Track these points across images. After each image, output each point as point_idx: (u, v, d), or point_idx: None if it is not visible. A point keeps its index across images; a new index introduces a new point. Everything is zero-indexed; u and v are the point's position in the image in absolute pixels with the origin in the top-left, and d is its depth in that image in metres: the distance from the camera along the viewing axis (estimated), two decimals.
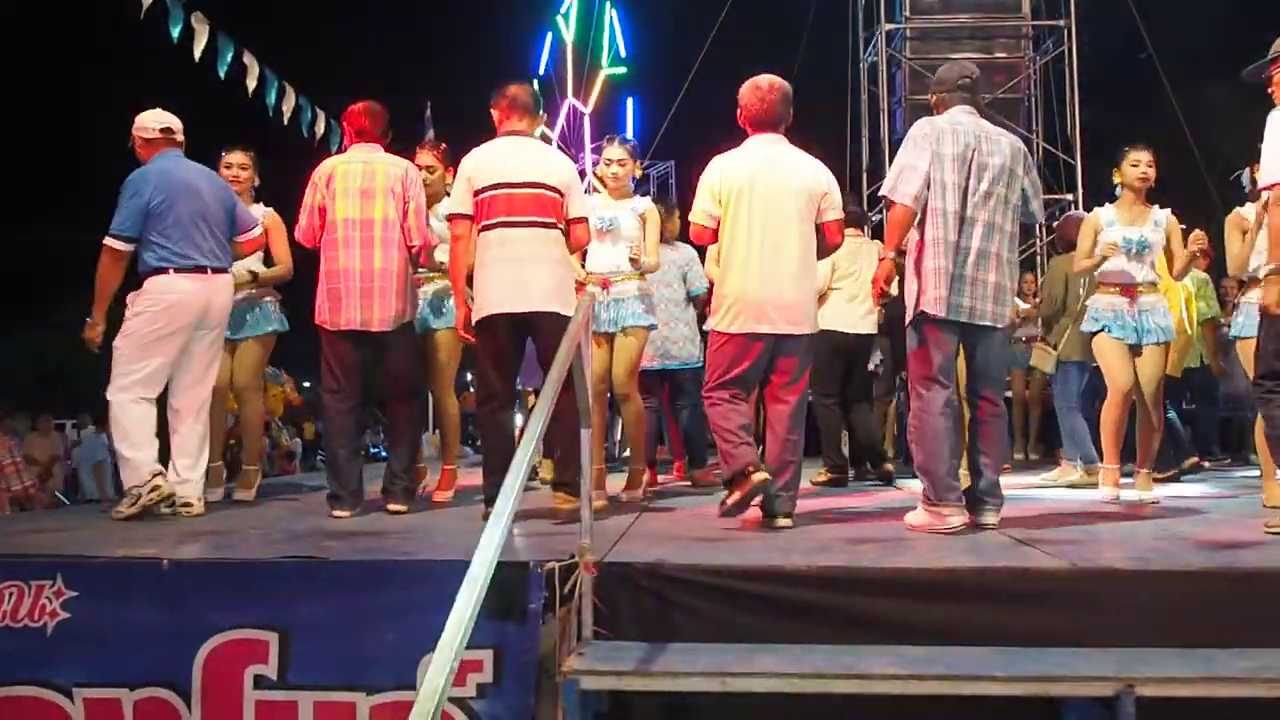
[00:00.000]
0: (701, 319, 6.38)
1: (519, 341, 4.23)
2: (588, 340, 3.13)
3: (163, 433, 4.49)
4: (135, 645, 2.99)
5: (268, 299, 5.22)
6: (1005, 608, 2.96)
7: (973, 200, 3.89)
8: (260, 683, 2.97)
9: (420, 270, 4.90)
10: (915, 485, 4.18)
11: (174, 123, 4.59)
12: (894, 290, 5.04)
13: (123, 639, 3.00)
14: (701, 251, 5.86)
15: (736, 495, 3.91)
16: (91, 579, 3.08)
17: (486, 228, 4.15)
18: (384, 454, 8.13)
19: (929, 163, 3.87)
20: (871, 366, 6.34)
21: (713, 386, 4.10)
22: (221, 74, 7.24)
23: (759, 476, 3.87)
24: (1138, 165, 4.96)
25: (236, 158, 5.18)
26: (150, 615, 3.02)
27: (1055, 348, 6.09)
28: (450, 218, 4.28)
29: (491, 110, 4.34)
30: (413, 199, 4.52)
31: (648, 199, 5.37)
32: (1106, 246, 4.96)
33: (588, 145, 16.98)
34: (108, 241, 4.33)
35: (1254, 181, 4.94)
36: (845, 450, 6.27)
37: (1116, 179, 5.12)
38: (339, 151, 9.05)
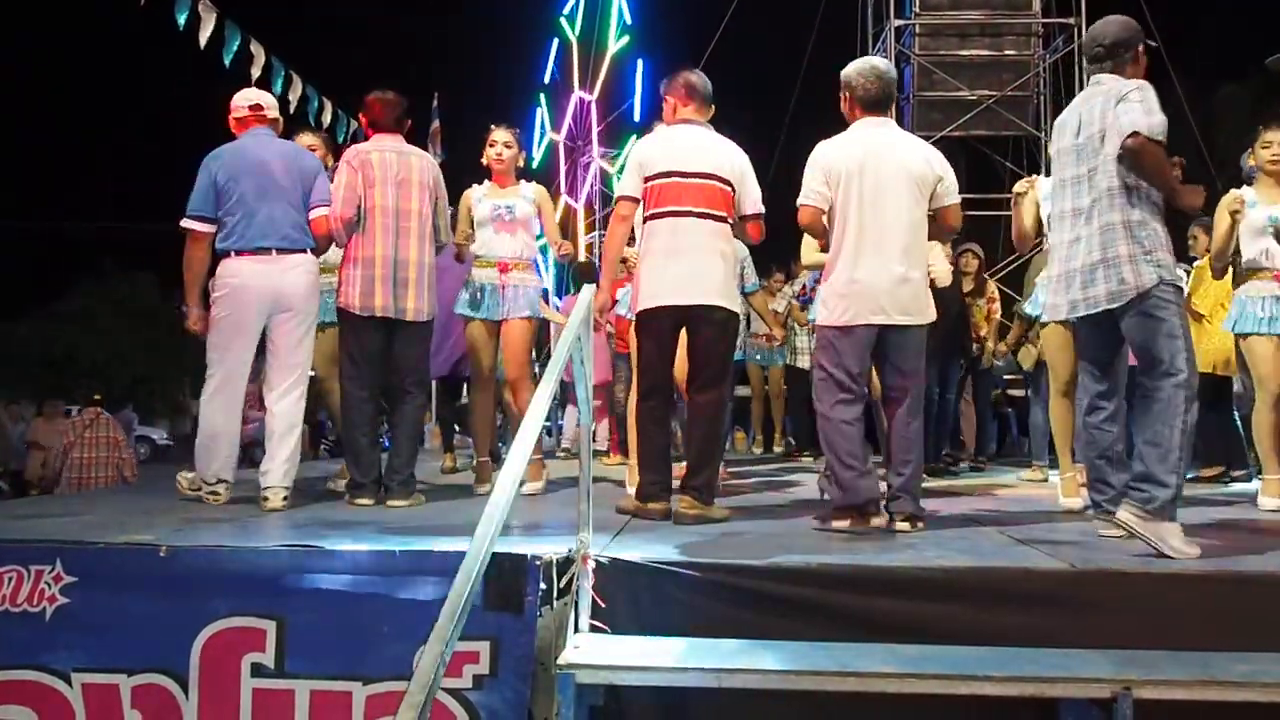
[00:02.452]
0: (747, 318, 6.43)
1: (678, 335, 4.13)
2: (588, 334, 3.12)
3: None
4: (133, 631, 3.00)
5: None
6: (1003, 608, 2.96)
7: None
8: (258, 670, 2.98)
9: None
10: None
11: (264, 99, 4.56)
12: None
13: (121, 625, 3.01)
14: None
15: (845, 524, 3.74)
16: (90, 564, 3.08)
17: (655, 216, 4.09)
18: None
19: None
20: None
21: (821, 391, 3.87)
22: (227, 62, 7.24)
23: (877, 522, 3.73)
24: (1269, 146, 4.76)
25: (305, 139, 5.11)
26: (148, 602, 3.03)
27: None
28: (617, 199, 4.26)
29: (666, 98, 4.28)
30: (442, 196, 4.56)
31: (533, 183, 5.26)
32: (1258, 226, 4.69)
33: (594, 134, 17.00)
34: (184, 223, 4.30)
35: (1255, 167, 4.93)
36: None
37: (1250, 162, 4.98)
38: (349, 140, 9.19)
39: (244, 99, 4.54)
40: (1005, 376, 8.75)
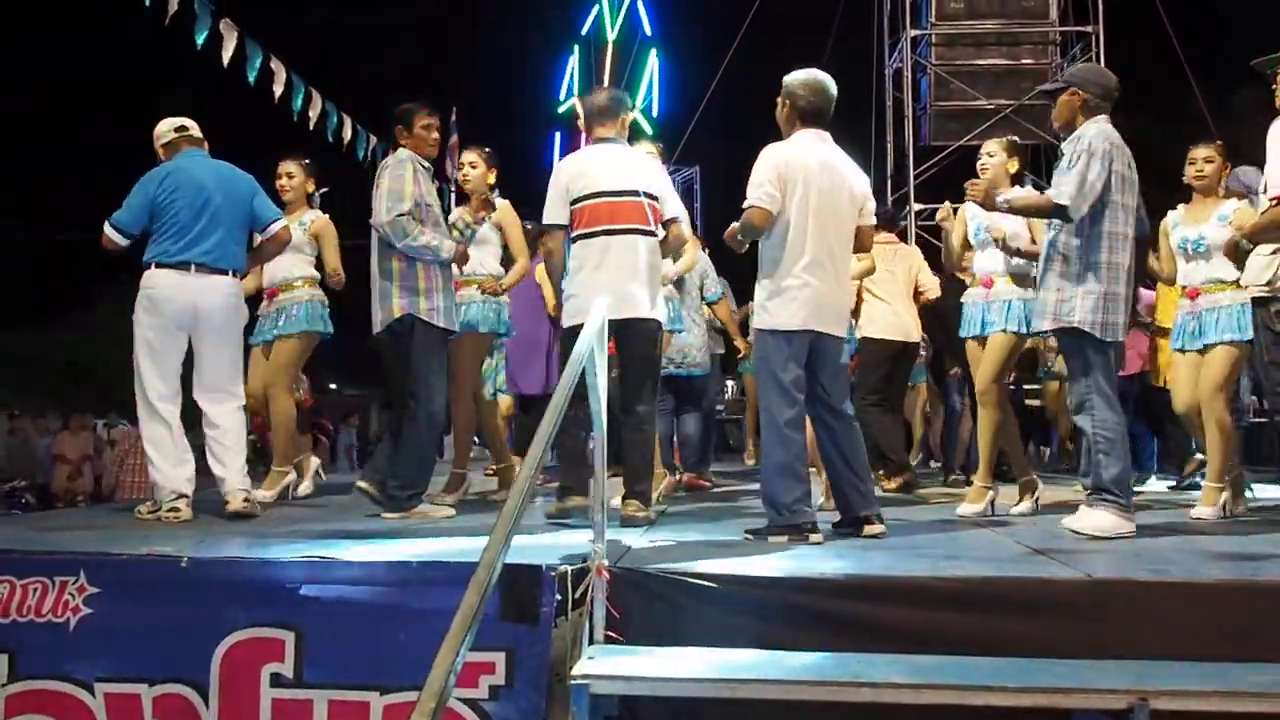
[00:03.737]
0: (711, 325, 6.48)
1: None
2: (602, 348, 3.14)
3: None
4: (155, 641, 3.04)
5: (312, 299, 5.24)
6: (1018, 618, 2.94)
7: None
8: (277, 681, 3.01)
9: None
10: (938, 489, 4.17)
11: (187, 121, 4.61)
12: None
13: (143, 635, 3.05)
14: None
15: (783, 540, 3.76)
16: (113, 576, 3.13)
17: (586, 236, 4.23)
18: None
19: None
20: None
21: (781, 399, 3.83)
22: (251, 80, 7.31)
23: (815, 539, 3.75)
24: (1194, 164, 4.85)
25: (283, 166, 5.24)
26: (170, 613, 3.07)
27: None
28: (545, 229, 4.37)
29: (582, 124, 4.46)
30: (378, 188, 4.43)
31: (501, 200, 5.29)
32: None
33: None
34: (106, 228, 4.40)
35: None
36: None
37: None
38: (369, 155, 9.29)
39: (168, 125, 4.61)
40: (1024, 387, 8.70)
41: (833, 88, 4.05)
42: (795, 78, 4.02)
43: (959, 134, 12.61)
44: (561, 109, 17.67)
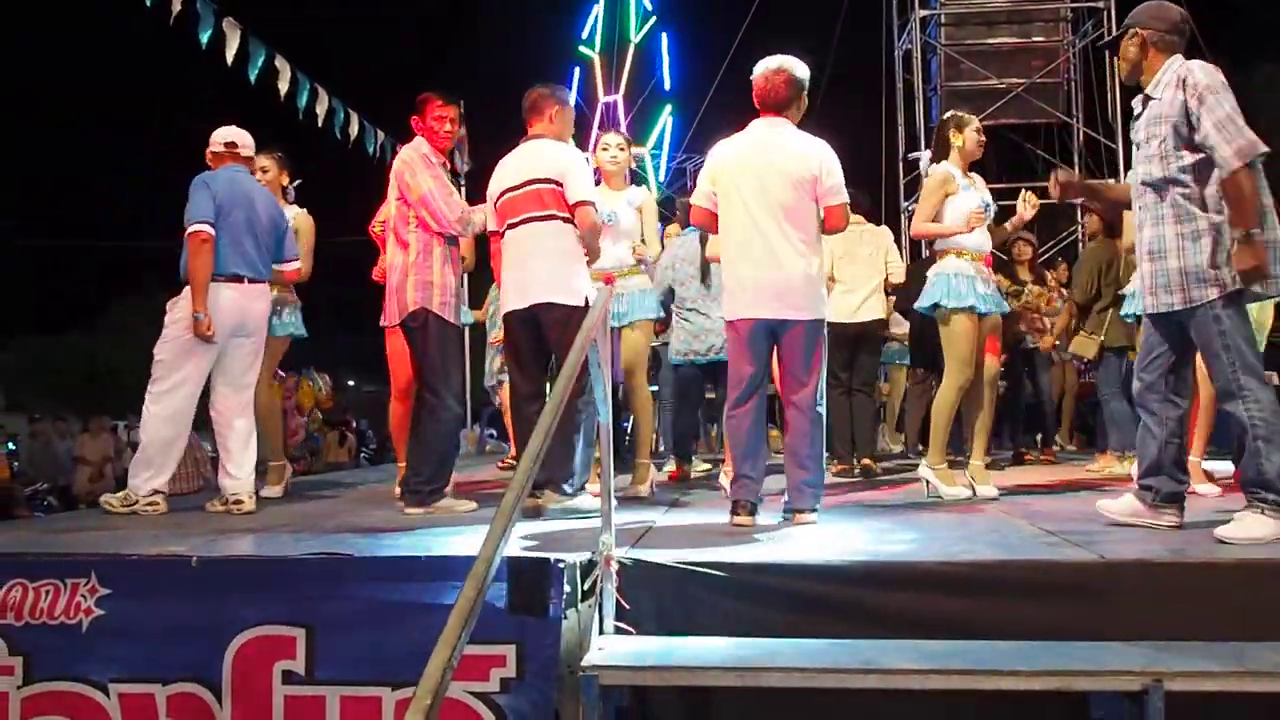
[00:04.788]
0: None
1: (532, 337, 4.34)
2: (604, 335, 3.13)
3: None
4: (167, 641, 3.05)
5: (288, 304, 5.30)
6: (1032, 601, 2.92)
7: None
8: (289, 678, 3.01)
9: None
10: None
11: (239, 138, 4.73)
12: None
13: (155, 635, 3.06)
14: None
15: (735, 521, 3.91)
16: (124, 576, 3.14)
17: (499, 233, 4.36)
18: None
19: None
20: None
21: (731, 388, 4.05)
22: (253, 78, 7.33)
23: (741, 521, 3.87)
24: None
25: (257, 160, 5.20)
26: (181, 612, 3.07)
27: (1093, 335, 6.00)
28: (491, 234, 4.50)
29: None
30: (409, 185, 4.38)
31: (643, 189, 5.41)
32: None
33: (623, 123, 17.05)
34: (196, 229, 4.41)
35: None
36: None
37: None
38: (379, 152, 9.31)
39: (221, 136, 4.73)
40: None
41: (787, 72, 4.04)
42: (757, 65, 4.10)
43: (971, 114, 12.48)
44: (582, 48, 17.52)
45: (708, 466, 6.44)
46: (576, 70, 17.13)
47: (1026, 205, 4.96)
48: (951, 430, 4.85)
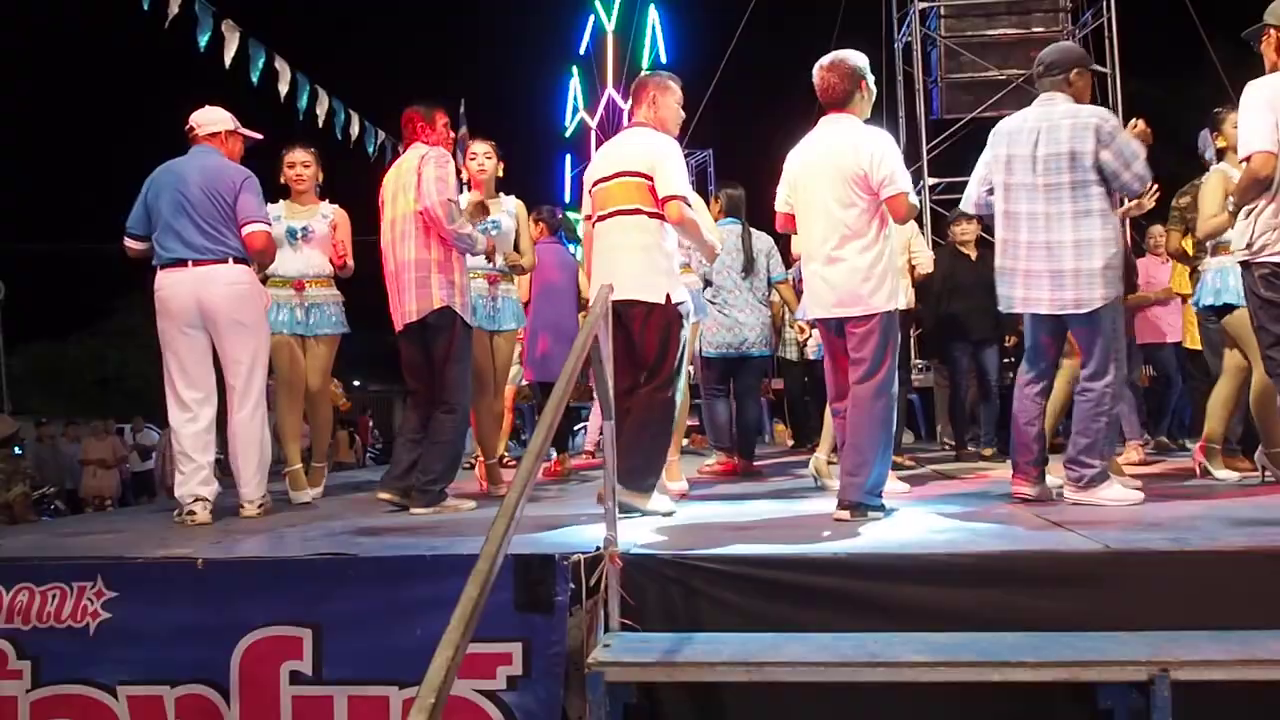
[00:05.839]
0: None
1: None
2: (606, 334, 3.13)
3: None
4: (174, 644, 3.06)
5: (332, 301, 5.25)
6: (1038, 592, 2.91)
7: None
8: (296, 678, 3.02)
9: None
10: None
11: (197, 118, 4.55)
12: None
13: (162, 638, 3.07)
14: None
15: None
16: (130, 580, 3.15)
17: (593, 224, 4.32)
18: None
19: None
20: None
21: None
22: (255, 79, 7.34)
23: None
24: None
25: (294, 155, 5.23)
26: (188, 614, 3.08)
27: None
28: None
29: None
30: (423, 174, 4.39)
31: (513, 197, 5.49)
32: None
33: (628, 120, 17.07)
34: (124, 240, 4.47)
35: (1215, 148, 4.85)
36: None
37: (1217, 143, 4.91)
38: (379, 152, 9.33)
39: (190, 122, 4.58)
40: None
41: (839, 66, 4.02)
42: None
43: (971, 106, 12.47)
44: (568, 133, 17.67)
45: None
46: (568, 158, 17.27)
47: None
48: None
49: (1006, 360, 7.11)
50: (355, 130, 9.05)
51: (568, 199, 18.09)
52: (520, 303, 5.53)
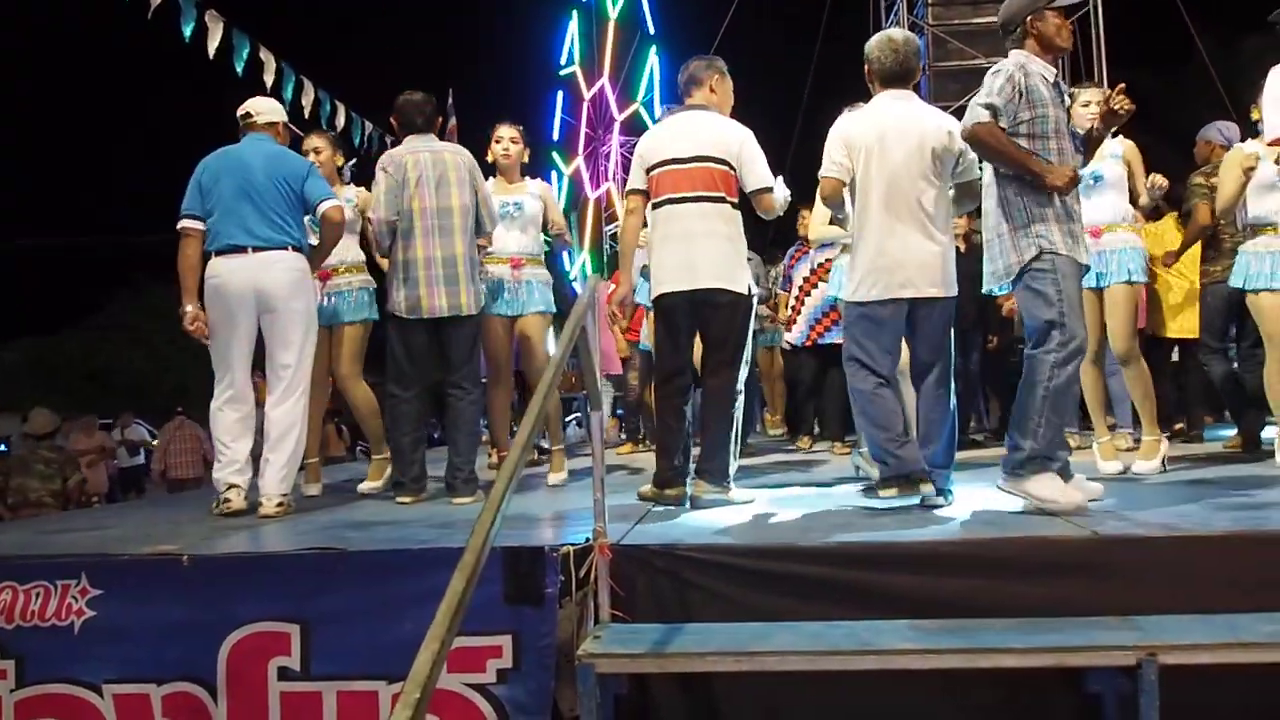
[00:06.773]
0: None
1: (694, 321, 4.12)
2: (594, 324, 3.11)
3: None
4: (160, 641, 3.04)
5: (361, 286, 5.14)
6: (1026, 578, 2.91)
7: None
8: (284, 674, 3.01)
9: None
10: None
11: (252, 106, 4.54)
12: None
13: (148, 635, 3.05)
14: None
15: (893, 493, 3.72)
16: (115, 577, 3.12)
17: (658, 205, 4.12)
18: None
19: None
20: None
21: (853, 367, 3.88)
22: (239, 70, 7.28)
23: (926, 489, 3.70)
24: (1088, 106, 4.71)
25: (311, 141, 5.16)
26: (173, 611, 3.06)
27: None
28: (625, 194, 4.32)
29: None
30: (480, 186, 4.57)
31: (539, 180, 5.42)
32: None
33: (616, 112, 17.05)
34: (179, 224, 4.32)
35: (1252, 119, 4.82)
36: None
37: (1255, 116, 4.78)
38: (365, 142, 9.25)
39: (240, 111, 4.56)
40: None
41: (909, 44, 3.97)
42: (870, 41, 3.98)
43: (959, 94, 12.40)
44: (563, 72, 17.64)
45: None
46: (560, 94, 17.22)
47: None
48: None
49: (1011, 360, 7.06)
50: (341, 121, 9.00)
51: (555, 136, 18.14)
52: (549, 286, 5.28)
